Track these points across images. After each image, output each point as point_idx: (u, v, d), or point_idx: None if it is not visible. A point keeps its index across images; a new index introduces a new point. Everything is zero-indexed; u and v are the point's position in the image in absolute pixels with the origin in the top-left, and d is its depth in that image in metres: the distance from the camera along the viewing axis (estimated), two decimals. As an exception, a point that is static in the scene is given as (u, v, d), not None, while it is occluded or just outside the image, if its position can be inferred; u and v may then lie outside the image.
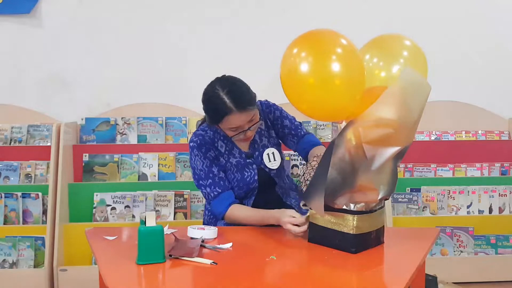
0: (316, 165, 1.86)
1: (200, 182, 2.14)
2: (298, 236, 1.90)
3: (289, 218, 1.91)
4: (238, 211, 2.11)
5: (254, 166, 2.19)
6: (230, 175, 2.16)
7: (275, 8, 3.54)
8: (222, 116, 2.02)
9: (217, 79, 2.08)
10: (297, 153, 2.34)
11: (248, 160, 2.19)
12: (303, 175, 1.97)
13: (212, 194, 2.12)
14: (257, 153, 2.21)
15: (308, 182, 1.85)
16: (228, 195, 2.12)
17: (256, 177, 2.17)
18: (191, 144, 2.15)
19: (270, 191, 2.22)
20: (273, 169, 2.21)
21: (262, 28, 3.52)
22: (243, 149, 2.20)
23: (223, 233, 2.00)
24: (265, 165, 2.20)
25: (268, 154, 2.20)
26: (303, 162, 2.36)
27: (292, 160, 3.30)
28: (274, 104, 2.28)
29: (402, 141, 1.72)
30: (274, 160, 2.21)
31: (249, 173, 2.17)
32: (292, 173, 3.28)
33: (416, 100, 1.72)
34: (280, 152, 2.27)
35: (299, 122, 2.32)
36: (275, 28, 3.47)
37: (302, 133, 2.28)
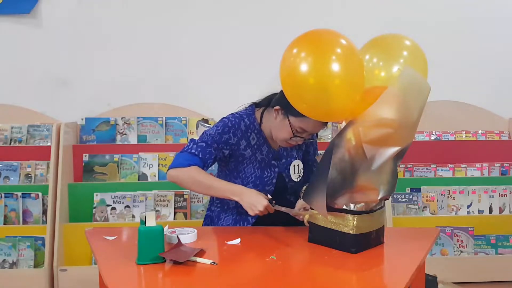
0: None
1: (197, 139, 2.09)
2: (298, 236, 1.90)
3: (262, 207, 1.91)
4: (195, 171, 2.01)
5: (276, 170, 2.17)
6: (251, 169, 2.14)
7: (275, 8, 3.55)
8: (305, 115, 1.90)
9: None
10: None
11: (273, 162, 2.17)
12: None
13: (191, 150, 2.04)
14: (284, 160, 2.19)
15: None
16: (198, 162, 2.02)
17: (274, 181, 2.16)
18: (225, 119, 2.10)
19: (283, 197, 2.19)
20: (294, 181, 2.20)
21: (262, 28, 3.52)
22: (273, 146, 2.17)
23: (223, 234, 2.00)
24: (287, 174, 2.19)
25: (294, 165, 2.20)
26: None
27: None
28: None
29: (402, 141, 1.72)
30: (298, 172, 2.21)
31: (268, 174, 2.15)
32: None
33: (416, 100, 1.72)
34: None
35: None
36: (275, 28, 3.47)
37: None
